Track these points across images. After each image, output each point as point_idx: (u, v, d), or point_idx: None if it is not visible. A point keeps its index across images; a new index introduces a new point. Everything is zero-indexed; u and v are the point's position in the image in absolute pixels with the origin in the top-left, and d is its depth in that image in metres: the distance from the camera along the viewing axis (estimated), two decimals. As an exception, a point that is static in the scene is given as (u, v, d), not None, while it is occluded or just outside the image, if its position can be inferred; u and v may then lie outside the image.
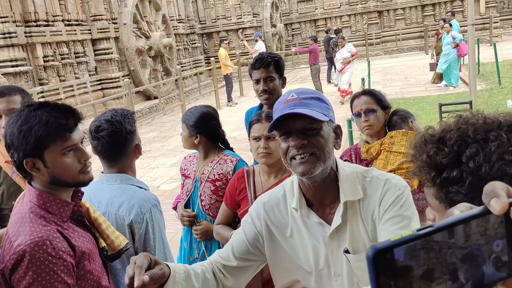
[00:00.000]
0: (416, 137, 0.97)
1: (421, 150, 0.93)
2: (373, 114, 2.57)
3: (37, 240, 1.45)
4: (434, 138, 0.91)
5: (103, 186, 2.04)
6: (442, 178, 0.88)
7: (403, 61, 18.83)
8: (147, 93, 14.30)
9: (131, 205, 1.93)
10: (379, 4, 22.57)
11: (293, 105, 1.36)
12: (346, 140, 6.59)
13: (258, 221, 1.55)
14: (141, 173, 7.67)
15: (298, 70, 21.13)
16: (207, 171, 2.62)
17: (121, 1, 13.76)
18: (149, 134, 10.95)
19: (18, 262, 1.44)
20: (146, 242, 1.92)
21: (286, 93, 1.44)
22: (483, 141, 0.86)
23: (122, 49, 13.58)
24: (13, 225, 1.52)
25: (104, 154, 2.02)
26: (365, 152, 2.64)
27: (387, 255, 0.50)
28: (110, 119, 2.00)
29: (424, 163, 0.91)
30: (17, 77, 10.20)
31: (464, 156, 0.86)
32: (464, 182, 0.85)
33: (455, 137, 0.88)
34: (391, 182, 1.43)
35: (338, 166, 1.47)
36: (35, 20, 10.81)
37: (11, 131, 1.52)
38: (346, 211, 1.43)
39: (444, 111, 5.53)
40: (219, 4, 20.19)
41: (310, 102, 1.38)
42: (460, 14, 20.44)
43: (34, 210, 1.53)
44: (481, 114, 0.92)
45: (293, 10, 23.64)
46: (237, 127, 10.53)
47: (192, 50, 18.67)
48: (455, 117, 0.94)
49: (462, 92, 11.12)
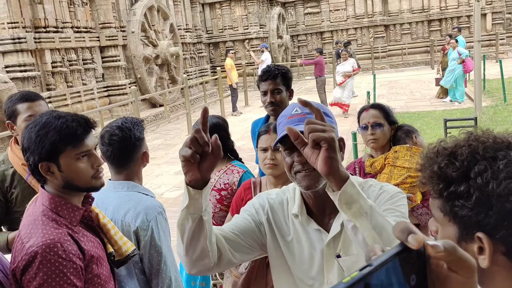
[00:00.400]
0: (428, 147, 0.98)
1: (432, 160, 0.94)
2: (379, 128, 2.59)
3: (49, 242, 1.48)
4: (446, 152, 0.93)
5: (110, 193, 2.07)
6: (450, 191, 0.90)
7: (409, 75, 18.86)
8: (152, 100, 14.38)
9: (137, 212, 1.95)
10: (385, 18, 22.67)
11: (297, 121, 1.37)
12: (350, 153, 6.60)
13: (262, 211, 1.55)
14: (145, 181, 7.64)
15: (303, 81, 21.20)
16: (213, 180, 2.63)
17: (130, 9, 13.90)
18: (154, 141, 10.99)
19: (29, 263, 1.47)
20: (152, 249, 1.94)
21: (290, 106, 1.45)
22: (492, 159, 0.88)
23: (130, 56, 13.69)
24: (26, 227, 1.56)
25: (113, 159, 2.06)
26: (369, 166, 2.65)
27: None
28: (120, 125, 2.06)
29: (434, 173, 0.93)
30: (25, 82, 10.29)
31: (472, 172, 0.87)
32: (471, 197, 0.87)
33: (466, 153, 0.90)
34: (387, 187, 1.49)
35: None
36: (45, 26, 10.92)
37: (28, 135, 1.58)
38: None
39: (449, 126, 5.54)
40: (226, 14, 20.34)
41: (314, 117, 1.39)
42: (466, 30, 20.51)
43: (46, 213, 1.57)
44: (491, 133, 0.94)
45: (300, 22, 23.77)
46: (241, 137, 10.56)
47: (198, 59, 18.79)
48: (465, 134, 0.96)
49: (467, 108, 11.11)
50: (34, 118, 1.63)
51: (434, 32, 22.14)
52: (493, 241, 0.86)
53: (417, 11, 22.38)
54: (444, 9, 22.02)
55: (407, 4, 22.49)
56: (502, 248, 0.86)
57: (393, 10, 22.76)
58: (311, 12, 23.58)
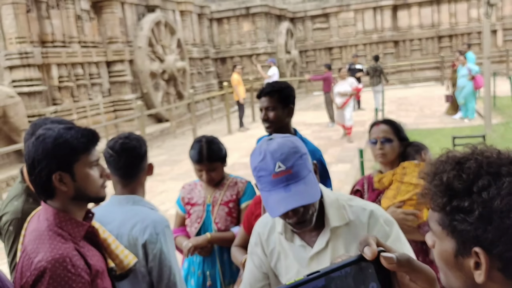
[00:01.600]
0: (436, 158, 0.98)
1: (441, 169, 0.94)
2: (389, 143, 2.58)
3: (58, 257, 1.50)
4: (453, 161, 0.93)
5: (114, 208, 2.09)
6: (452, 206, 0.90)
7: (419, 92, 18.71)
8: (159, 116, 14.33)
9: (144, 225, 1.98)
10: (395, 34, 22.61)
11: (285, 181, 1.37)
12: (358, 170, 6.50)
13: (259, 248, 1.67)
14: (149, 197, 7.55)
15: (312, 97, 21.11)
16: (219, 195, 2.71)
17: (137, 24, 13.94)
18: (159, 157, 10.89)
19: (38, 278, 1.48)
20: (161, 262, 1.97)
21: (268, 157, 1.40)
22: (496, 174, 0.88)
23: (136, 71, 13.68)
24: (32, 242, 1.57)
25: (124, 169, 2.09)
26: (378, 182, 2.63)
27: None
28: (128, 136, 2.13)
29: (439, 186, 0.93)
30: (32, 97, 10.30)
31: (475, 187, 0.88)
32: (473, 213, 0.87)
33: (474, 166, 0.90)
34: (377, 214, 1.48)
35: (323, 194, 1.52)
36: (52, 41, 10.96)
37: (41, 148, 1.58)
38: (330, 235, 1.50)
39: (457, 144, 5.41)
40: (234, 29, 20.38)
41: (298, 168, 1.39)
42: (477, 47, 20.36)
43: (52, 228, 1.59)
44: (495, 148, 0.95)
45: (308, 37, 23.78)
46: (247, 153, 10.43)
47: (205, 74, 18.78)
48: (470, 148, 0.96)
49: (477, 126, 10.94)
50: (38, 133, 1.61)
51: (444, 48, 22.01)
52: (490, 256, 0.86)
53: (427, 27, 22.31)
54: (454, 25, 21.93)
55: (417, 20, 22.44)
56: (499, 264, 0.86)
57: (402, 26, 22.71)
58: (319, 27, 23.60)
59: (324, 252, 1.49)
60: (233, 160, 9.97)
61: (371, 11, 22.75)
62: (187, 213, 2.77)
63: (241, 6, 19.94)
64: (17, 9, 10.07)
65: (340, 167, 8.74)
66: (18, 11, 10.09)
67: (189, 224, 2.74)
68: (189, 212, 2.75)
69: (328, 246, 1.49)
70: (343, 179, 7.75)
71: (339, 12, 23.12)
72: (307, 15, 23.59)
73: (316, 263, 1.50)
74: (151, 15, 14.24)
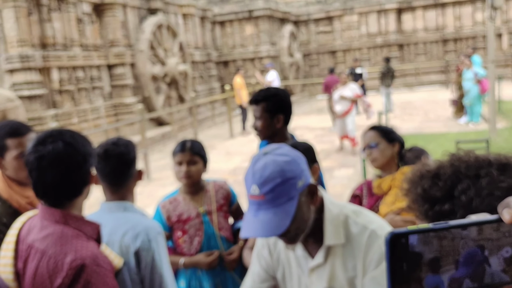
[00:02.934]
0: (412, 172, 1.01)
1: (416, 184, 0.97)
2: (375, 148, 2.61)
3: (90, 254, 1.54)
4: (429, 174, 0.96)
5: (104, 215, 2.05)
6: (434, 210, 0.91)
7: (423, 96, 18.60)
8: (160, 119, 14.26)
9: (136, 233, 1.96)
10: (399, 37, 22.48)
11: (256, 205, 1.37)
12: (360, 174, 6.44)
13: (266, 251, 1.68)
14: (149, 201, 7.49)
15: (314, 101, 21.01)
16: (210, 202, 2.69)
17: (139, 27, 13.88)
18: (160, 161, 10.80)
19: (76, 277, 1.51)
20: (153, 270, 1.95)
21: (250, 175, 1.40)
22: (475, 177, 0.90)
23: (138, 75, 13.61)
24: (53, 246, 1.56)
25: (111, 176, 2.06)
26: (377, 187, 2.64)
27: (402, 239, 0.58)
28: (116, 142, 2.10)
29: (418, 196, 0.95)
30: (32, 100, 10.25)
31: (456, 191, 0.90)
32: (455, 215, 0.89)
33: (449, 172, 0.93)
34: (376, 234, 1.44)
35: (325, 208, 1.50)
36: (53, 44, 10.91)
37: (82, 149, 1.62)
38: (328, 251, 1.49)
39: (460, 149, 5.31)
40: (236, 33, 20.30)
41: (274, 195, 1.35)
42: (482, 51, 20.20)
43: (69, 229, 1.60)
44: (472, 153, 0.97)
45: (312, 40, 23.68)
46: (249, 157, 10.33)
47: (207, 78, 18.70)
48: (448, 155, 0.99)
49: (482, 130, 10.82)
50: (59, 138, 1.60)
51: (449, 52, 21.87)
52: None
53: (431, 31, 22.18)
54: (459, 29, 21.79)
55: (422, 23, 22.32)
56: None
57: (407, 29, 22.60)
58: (323, 30, 23.50)
59: (323, 266, 1.50)
60: (235, 165, 9.88)
61: (375, 14, 22.63)
62: (180, 231, 2.66)
63: (244, 9, 19.85)
64: (18, 12, 10.04)
65: (343, 172, 8.64)
66: (19, 14, 10.06)
67: (187, 240, 2.64)
68: (183, 230, 2.65)
69: (327, 261, 1.49)
70: (346, 184, 7.66)
71: (343, 15, 23.02)
72: (310, 18, 23.50)
73: (316, 275, 1.51)
74: (153, 18, 14.18)
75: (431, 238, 0.58)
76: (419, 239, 0.57)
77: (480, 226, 0.59)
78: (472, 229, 0.59)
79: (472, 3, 21.50)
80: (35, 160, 1.56)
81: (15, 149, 2.12)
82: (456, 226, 0.58)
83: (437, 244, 0.58)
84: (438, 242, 0.58)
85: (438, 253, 0.58)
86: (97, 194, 2.10)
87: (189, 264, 2.60)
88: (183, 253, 2.65)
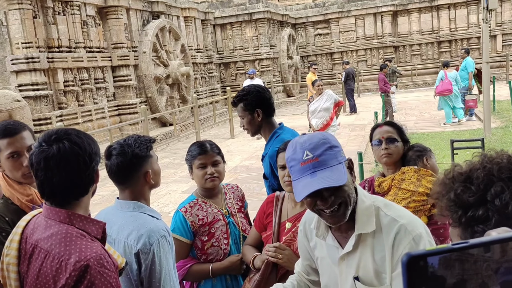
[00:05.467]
0: (444, 174, 0.97)
1: (448, 187, 0.93)
2: (394, 143, 2.58)
3: (95, 255, 1.49)
4: (461, 177, 0.92)
5: (117, 211, 2.06)
6: (468, 217, 0.88)
7: (418, 96, 18.84)
8: (163, 119, 14.52)
9: (139, 234, 1.92)
10: (395, 39, 22.80)
11: (312, 168, 1.43)
12: (357, 174, 6.56)
13: (305, 239, 1.74)
14: (152, 199, 7.67)
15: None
16: (230, 203, 2.64)
17: (142, 30, 14.15)
18: (163, 160, 11.04)
19: (79, 278, 1.46)
20: (151, 273, 1.90)
21: (297, 147, 1.49)
22: (508, 179, 0.87)
23: (141, 76, 13.89)
24: (57, 246, 1.52)
25: (112, 175, 2.05)
26: (378, 186, 2.65)
27: (421, 262, 0.53)
28: (122, 142, 2.05)
29: (451, 201, 0.91)
30: (38, 101, 10.46)
31: (489, 195, 0.86)
32: (490, 221, 0.85)
33: (482, 176, 0.89)
34: (406, 229, 1.45)
35: (358, 198, 1.53)
36: (58, 46, 11.13)
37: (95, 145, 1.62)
38: (359, 240, 1.50)
39: (456, 147, 5.51)
40: (237, 35, 20.59)
41: (326, 157, 1.45)
42: (476, 52, 20.53)
43: (72, 230, 1.55)
44: (505, 153, 0.93)
45: (310, 43, 23.99)
46: (249, 156, 10.59)
47: (209, 79, 18.99)
48: (479, 156, 0.95)
49: (476, 129, 11.06)
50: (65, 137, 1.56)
51: (444, 53, 22.19)
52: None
53: (426, 32, 22.50)
54: (453, 31, 22.11)
55: (417, 26, 22.64)
56: None
57: (402, 31, 22.92)
58: (321, 33, 23.81)
59: (354, 255, 1.51)
60: (236, 163, 10.11)
61: (372, 17, 22.95)
62: (205, 235, 2.49)
63: (244, 12, 20.14)
64: (23, 15, 10.25)
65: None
66: (25, 16, 10.26)
67: (215, 244, 2.49)
68: (209, 233, 2.49)
69: (357, 249, 1.50)
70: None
71: (340, 18, 23.33)
72: (308, 21, 23.81)
73: (346, 264, 1.52)
74: (155, 21, 14.46)
75: (453, 261, 0.54)
76: (440, 261, 0.53)
77: (503, 245, 0.55)
78: (495, 250, 0.55)
79: (467, 5, 21.84)
80: (42, 160, 1.51)
81: (6, 150, 2.07)
82: (477, 245, 0.54)
83: (459, 267, 0.54)
84: (460, 266, 0.54)
85: (461, 277, 0.54)
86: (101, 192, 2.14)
87: (219, 270, 2.46)
88: (210, 260, 2.49)
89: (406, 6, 22.55)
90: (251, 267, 2.34)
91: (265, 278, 2.23)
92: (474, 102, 12.26)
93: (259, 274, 2.26)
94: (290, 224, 2.28)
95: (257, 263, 2.29)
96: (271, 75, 20.24)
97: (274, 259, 2.19)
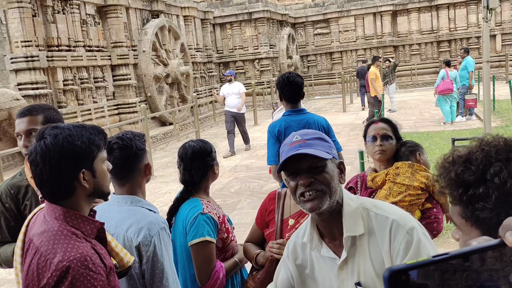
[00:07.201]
0: (442, 158, 1.02)
1: (448, 169, 0.98)
2: (388, 140, 2.62)
3: (79, 256, 1.47)
4: (461, 159, 0.97)
5: (113, 207, 2.06)
6: (469, 194, 0.92)
7: (418, 96, 18.86)
8: (162, 119, 14.51)
9: (139, 227, 1.93)
10: (394, 39, 22.81)
11: (298, 146, 1.48)
12: (358, 171, 6.59)
13: (289, 261, 1.67)
14: (152, 198, 7.72)
15: (313, 101, 21.27)
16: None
17: (142, 29, 14.13)
18: (162, 159, 11.04)
19: (60, 278, 1.45)
20: (154, 265, 1.92)
21: (290, 135, 1.56)
22: (506, 160, 0.92)
23: (140, 75, 13.87)
24: (46, 244, 1.52)
25: (115, 170, 2.02)
26: (371, 181, 2.67)
27: (402, 277, 0.53)
28: (121, 136, 2.08)
29: (452, 181, 0.96)
30: (37, 100, 10.43)
31: (488, 174, 0.91)
32: (490, 197, 0.90)
33: (481, 157, 0.94)
34: (399, 224, 1.45)
35: (344, 201, 1.53)
36: (58, 45, 11.11)
37: (61, 146, 1.52)
38: (354, 245, 1.49)
39: (457, 146, 5.53)
40: (236, 34, 20.59)
41: (313, 142, 1.50)
42: (476, 51, 20.56)
43: (64, 227, 1.54)
44: (501, 137, 0.98)
45: (309, 42, 23.99)
46: (249, 155, 10.59)
47: (208, 78, 18.98)
48: (477, 141, 0.99)
49: (476, 128, 11.07)
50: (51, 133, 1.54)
51: (443, 53, 22.21)
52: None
53: (426, 32, 22.52)
54: (453, 30, 22.13)
55: (416, 25, 22.65)
56: None
57: (402, 31, 22.93)
58: (320, 32, 23.81)
59: (353, 261, 1.49)
60: (235, 162, 10.11)
61: (371, 16, 22.96)
62: (225, 232, 2.49)
63: (244, 11, 20.15)
64: (23, 13, 10.22)
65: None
66: (24, 15, 10.24)
67: (232, 238, 2.55)
68: (227, 230, 2.51)
69: (355, 255, 1.48)
70: (344, 180, 7.85)
71: (340, 18, 23.34)
72: (308, 20, 23.82)
73: (345, 273, 1.50)
74: (155, 20, 14.45)
75: (432, 272, 0.54)
76: (419, 273, 0.53)
77: (482, 254, 0.55)
78: (474, 259, 0.55)
79: (466, 5, 21.85)
80: (31, 154, 1.54)
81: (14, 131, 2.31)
82: (457, 256, 0.54)
83: (439, 277, 0.54)
84: (439, 275, 0.54)
85: (441, 287, 0.54)
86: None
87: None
88: (227, 258, 2.52)
89: (406, 6, 22.57)
90: (254, 264, 2.34)
91: (270, 275, 2.21)
92: (474, 102, 12.25)
93: (263, 271, 2.25)
94: (293, 220, 2.28)
95: (260, 260, 2.29)
96: (271, 75, 20.25)
97: (278, 256, 2.16)
